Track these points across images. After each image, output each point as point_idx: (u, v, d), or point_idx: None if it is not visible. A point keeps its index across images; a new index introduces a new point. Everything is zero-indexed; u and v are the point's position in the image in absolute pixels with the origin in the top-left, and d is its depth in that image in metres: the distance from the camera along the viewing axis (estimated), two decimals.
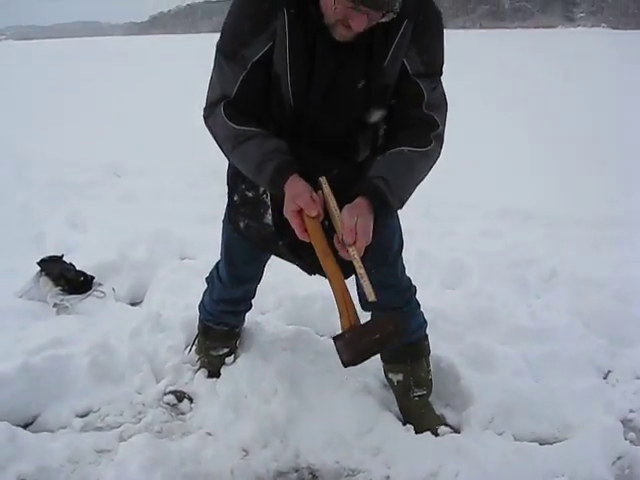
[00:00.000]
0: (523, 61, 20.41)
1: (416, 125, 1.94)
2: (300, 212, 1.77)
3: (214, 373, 2.68)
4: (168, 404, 2.56)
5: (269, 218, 2.04)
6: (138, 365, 2.74)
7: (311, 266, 1.99)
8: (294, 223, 1.78)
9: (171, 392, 2.62)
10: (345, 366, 1.74)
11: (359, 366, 2.48)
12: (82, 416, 2.50)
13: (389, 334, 1.74)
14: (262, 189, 2.04)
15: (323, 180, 1.84)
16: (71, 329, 2.93)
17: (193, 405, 2.58)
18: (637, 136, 7.84)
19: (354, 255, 1.69)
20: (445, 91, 2.00)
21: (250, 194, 2.10)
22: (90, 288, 3.33)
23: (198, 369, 2.72)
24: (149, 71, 19.52)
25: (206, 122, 1.98)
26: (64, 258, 3.48)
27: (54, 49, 39.26)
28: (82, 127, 9.20)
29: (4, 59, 30.21)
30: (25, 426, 2.41)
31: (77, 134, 8.63)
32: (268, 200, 2.03)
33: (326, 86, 1.88)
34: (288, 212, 1.79)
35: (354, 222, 1.70)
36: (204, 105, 1.99)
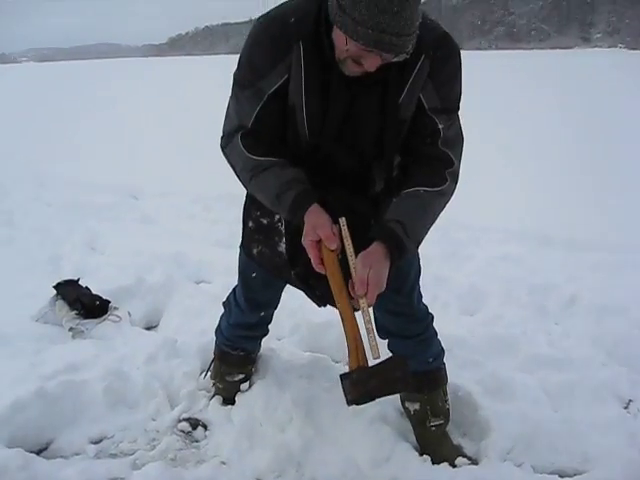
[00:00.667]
0: (538, 82, 20.41)
1: (431, 163, 1.93)
2: (319, 242, 1.77)
3: (229, 400, 2.66)
4: (182, 431, 2.54)
5: (283, 246, 2.05)
6: (153, 391, 2.72)
7: (321, 297, 2.02)
8: (312, 253, 1.78)
9: (185, 419, 2.60)
10: (349, 405, 1.76)
11: None
12: (96, 442, 2.48)
13: (395, 380, 1.77)
14: (277, 217, 2.05)
15: (342, 221, 1.81)
16: (86, 354, 2.92)
17: (208, 433, 2.55)
18: None
19: (364, 307, 1.70)
20: (462, 126, 1.99)
21: (265, 221, 2.11)
22: (106, 312, 3.32)
23: (213, 396, 2.70)
24: (167, 92, 19.73)
25: (224, 151, 1.99)
26: (80, 282, 3.49)
27: (74, 71, 39.75)
28: (100, 149, 9.32)
29: (25, 81, 30.71)
30: (39, 452, 2.40)
31: (95, 156, 8.74)
32: (282, 228, 2.04)
33: (340, 120, 1.88)
34: (307, 241, 1.79)
35: (366, 273, 1.71)
36: (221, 134, 1.99)
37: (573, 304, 3.53)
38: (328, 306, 2.06)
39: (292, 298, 2.74)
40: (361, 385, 1.73)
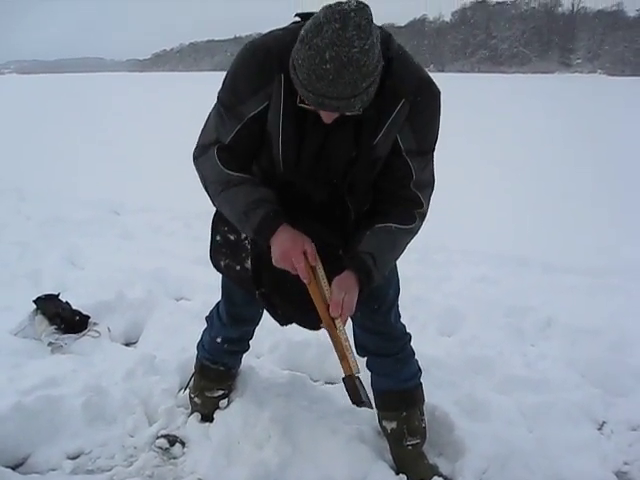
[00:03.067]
0: (519, 105, 20.67)
1: (402, 203, 1.99)
2: (305, 255, 1.85)
3: (207, 417, 2.67)
4: (160, 448, 2.54)
5: (249, 263, 2.10)
6: (131, 408, 2.72)
7: (283, 316, 2.10)
8: (300, 265, 1.84)
9: (163, 436, 2.61)
10: (359, 406, 1.89)
11: (353, 413, 2.51)
12: (73, 458, 2.48)
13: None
14: (244, 235, 2.10)
15: (311, 245, 1.91)
16: (65, 369, 2.91)
17: (185, 449, 2.56)
18: (632, 183, 7.92)
19: (339, 327, 1.85)
20: (434, 169, 2.04)
21: (232, 237, 2.16)
22: (85, 327, 3.32)
23: (191, 413, 2.71)
24: (150, 108, 19.72)
25: (196, 161, 2.01)
26: (60, 296, 3.48)
27: (56, 84, 39.62)
28: (82, 163, 9.32)
29: (6, 93, 30.50)
30: (15, 467, 2.39)
31: (77, 170, 8.74)
32: (249, 246, 2.09)
33: (314, 154, 1.92)
34: (295, 254, 1.85)
35: (342, 297, 1.83)
36: (196, 145, 2.02)
37: (549, 326, 3.58)
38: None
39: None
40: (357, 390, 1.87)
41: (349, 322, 2.33)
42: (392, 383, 2.40)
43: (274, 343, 3.28)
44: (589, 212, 6.51)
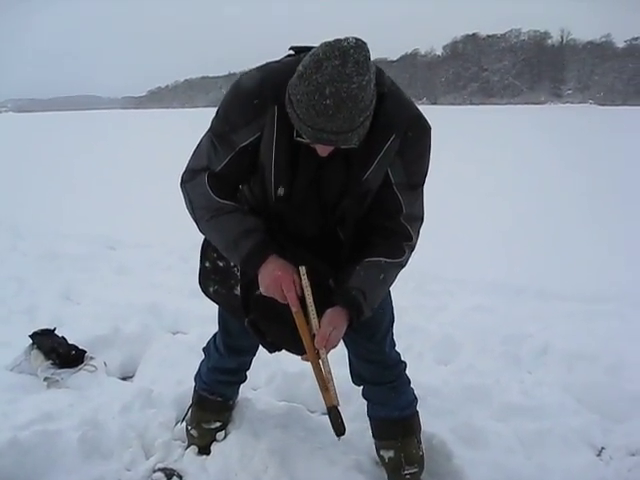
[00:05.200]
0: (513, 135, 20.84)
1: (392, 236, 2.01)
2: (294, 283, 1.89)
3: (204, 450, 2.65)
4: None
5: (239, 290, 2.12)
6: (128, 441, 2.70)
7: (272, 344, 2.12)
8: (290, 293, 1.89)
9: (160, 469, 2.58)
10: (340, 436, 1.94)
11: (351, 444, 2.50)
12: None
13: None
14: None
15: (303, 270, 1.93)
16: (61, 404, 2.89)
17: None
18: (627, 207, 8.00)
19: (323, 357, 1.91)
20: (424, 202, 2.07)
21: (221, 264, 2.19)
22: (82, 362, 3.30)
23: (188, 446, 2.69)
24: (144, 144, 19.83)
25: (184, 186, 2.03)
26: (56, 331, 3.47)
27: (53, 122, 39.89)
28: (78, 200, 9.35)
29: (3, 131, 30.69)
30: None
31: (73, 207, 8.77)
32: (238, 273, 2.11)
33: (307, 188, 1.95)
34: (286, 282, 1.89)
35: (329, 331, 1.88)
36: (185, 169, 2.04)
37: (545, 353, 3.58)
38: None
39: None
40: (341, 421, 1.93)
41: (345, 351, 2.37)
42: (388, 412, 2.40)
43: (270, 375, 3.27)
44: (583, 239, 6.56)
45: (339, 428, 1.91)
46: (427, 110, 1.96)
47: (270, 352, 2.18)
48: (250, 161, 1.95)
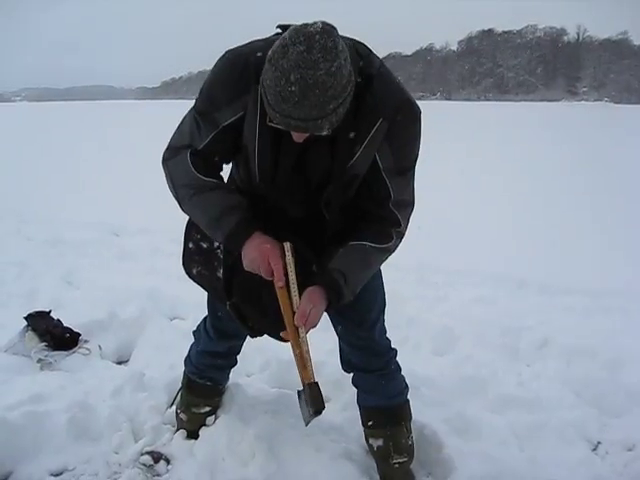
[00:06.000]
0: (522, 130, 20.74)
1: (380, 222, 1.97)
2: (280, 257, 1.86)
3: (193, 434, 2.63)
4: (144, 465, 2.51)
5: (221, 272, 2.09)
6: (117, 424, 2.69)
7: (253, 328, 2.10)
8: (277, 266, 1.86)
9: (148, 453, 2.57)
10: (314, 416, 1.90)
11: (341, 431, 2.46)
12: (56, 475, 2.45)
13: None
14: (217, 243, 2.09)
15: (287, 246, 1.90)
16: (52, 386, 2.88)
17: (170, 467, 2.52)
18: (631, 204, 7.97)
19: (302, 336, 1.88)
20: (414, 188, 2.01)
21: (204, 245, 2.15)
22: (76, 345, 3.30)
23: (177, 430, 2.67)
24: (154, 134, 19.87)
25: (165, 163, 1.99)
26: (52, 314, 3.46)
27: (65, 111, 40.02)
28: (83, 187, 9.42)
29: (16, 120, 30.87)
30: None
31: (78, 194, 8.83)
32: (221, 256, 2.08)
33: (291, 170, 1.90)
34: (273, 255, 1.86)
35: (309, 308, 1.84)
36: (167, 146, 2.00)
37: (545, 346, 3.54)
38: None
39: (263, 337, 2.74)
40: (321, 397, 1.88)
41: (335, 338, 2.34)
42: (378, 400, 2.36)
43: (265, 362, 3.26)
44: (587, 233, 6.52)
45: (319, 404, 1.86)
46: (440, 105, 1.91)
47: (252, 337, 2.17)
48: (233, 140, 1.92)
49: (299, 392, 1.94)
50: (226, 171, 2.08)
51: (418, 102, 1.89)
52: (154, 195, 8.34)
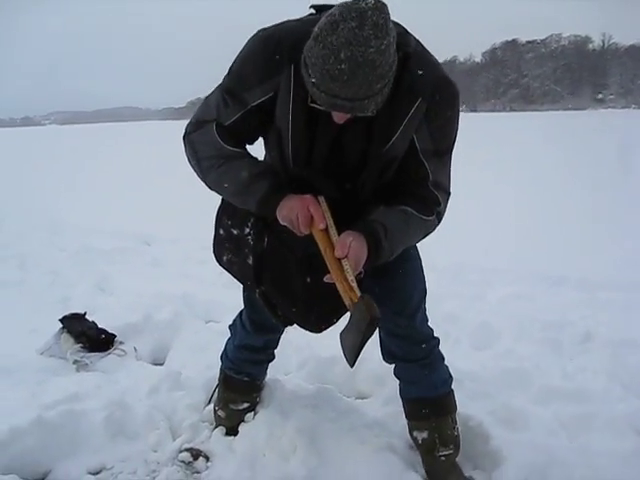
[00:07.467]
0: (556, 138, 20.61)
1: (422, 200, 1.91)
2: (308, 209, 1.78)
3: (232, 431, 2.58)
4: (183, 462, 2.47)
5: (251, 260, 2.03)
6: (155, 423, 2.66)
7: (283, 317, 2.06)
8: (318, 212, 1.78)
9: (187, 450, 2.53)
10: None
11: (383, 426, 2.39)
12: (94, 473, 2.41)
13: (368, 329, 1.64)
14: (247, 229, 2.03)
15: (322, 199, 1.84)
16: (89, 385, 2.87)
17: (209, 464, 2.47)
18: None
19: (347, 268, 1.68)
20: (451, 174, 1.97)
21: (235, 232, 2.08)
22: (111, 346, 3.29)
23: (216, 427, 2.62)
24: (180, 151, 20.11)
25: (189, 137, 1.94)
26: (87, 317, 3.45)
27: (93, 133, 40.74)
28: (115, 200, 9.55)
29: (48, 141, 31.52)
30: None
31: (109, 207, 8.94)
32: (252, 242, 2.02)
33: (327, 153, 1.85)
34: (312, 202, 1.79)
35: (349, 240, 1.72)
36: (190, 121, 1.96)
37: (588, 340, 3.43)
38: (336, 341, 2.03)
39: (300, 335, 2.68)
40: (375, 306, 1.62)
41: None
42: (421, 390, 2.28)
43: (302, 360, 3.21)
44: (622, 230, 6.40)
45: (374, 311, 1.60)
46: (466, 118, 1.84)
47: (282, 326, 2.13)
48: (260, 121, 1.87)
49: (341, 333, 1.74)
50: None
51: None
52: (182, 205, 8.50)
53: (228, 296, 4.15)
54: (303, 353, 3.24)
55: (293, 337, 2.55)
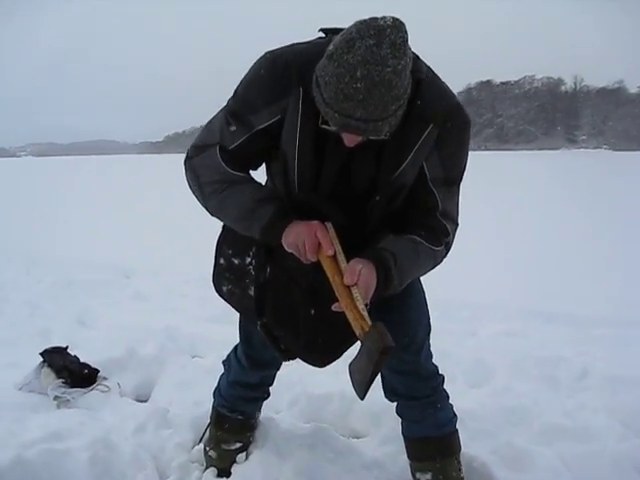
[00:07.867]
0: (531, 178, 20.95)
1: (431, 230, 1.84)
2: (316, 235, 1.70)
3: (224, 472, 2.45)
4: None
5: (253, 290, 1.95)
6: (142, 463, 2.52)
7: (286, 351, 1.97)
8: (325, 239, 1.69)
9: None
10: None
11: (383, 467, 2.28)
12: None
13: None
14: (248, 259, 1.95)
15: (329, 225, 1.75)
16: (71, 423, 2.70)
17: None
18: None
19: (356, 295, 1.58)
20: (459, 209, 1.92)
21: (236, 261, 2.00)
22: (94, 382, 3.15)
23: (206, 468, 2.49)
24: (160, 184, 20.05)
25: (190, 161, 1.87)
26: (68, 350, 3.32)
27: (70, 165, 40.64)
28: (93, 232, 9.47)
29: (23, 173, 31.38)
30: None
31: (88, 238, 8.87)
32: (253, 272, 1.94)
33: (334, 178, 1.79)
34: (320, 229, 1.70)
35: (358, 268, 1.62)
36: (192, 145, 1.89)
37: (585, 377, 3.37)
38: (329, 378, 1.97)
39: (291, 370, 2.57)
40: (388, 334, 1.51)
41: None
42: (426, 429, 2.19)
43: (293, 397, 3.09)
44: (609, 267, 6.47)
45: (388, 340, 1.49)
46: None
47: (283, 360, 2.04)
48: (265, 145, 1.81)
49: (350, 364, 1.61)
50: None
51: None
52: (163, 238, 8.43)
53: (212, 330, 4.07)
54: (294, 390, 3.12)
55: (284, 373, 2.44)
